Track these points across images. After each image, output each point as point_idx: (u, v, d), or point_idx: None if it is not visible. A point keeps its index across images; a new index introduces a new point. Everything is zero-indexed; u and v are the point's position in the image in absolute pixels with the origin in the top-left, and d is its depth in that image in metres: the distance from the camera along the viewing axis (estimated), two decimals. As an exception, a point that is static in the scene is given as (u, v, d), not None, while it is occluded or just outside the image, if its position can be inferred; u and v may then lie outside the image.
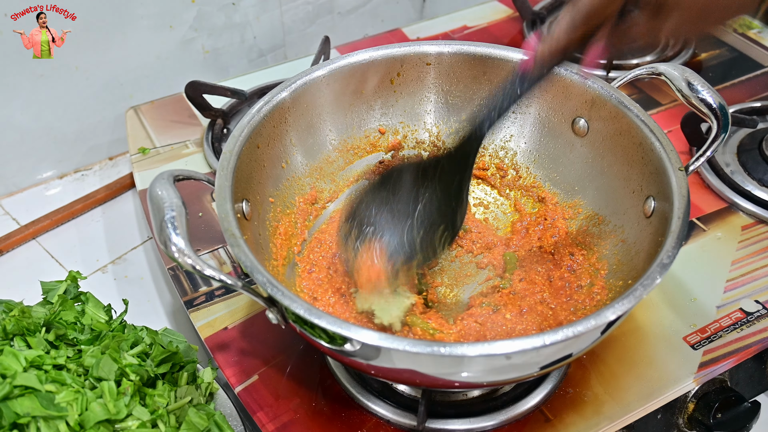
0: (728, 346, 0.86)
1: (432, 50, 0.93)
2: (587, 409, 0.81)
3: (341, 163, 0.95)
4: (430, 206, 0.82)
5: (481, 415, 0.80)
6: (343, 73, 0.90)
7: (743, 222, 1.01)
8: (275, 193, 0.87)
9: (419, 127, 0.99)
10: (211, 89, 1.15)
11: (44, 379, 0.70)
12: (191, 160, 1.14)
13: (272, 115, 0.85)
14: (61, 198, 1.22)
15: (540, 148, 0.95)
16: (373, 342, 0.62)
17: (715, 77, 1.28)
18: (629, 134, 0.83)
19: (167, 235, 0.65)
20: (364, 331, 0.62)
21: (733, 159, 1.10)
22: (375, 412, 0.81)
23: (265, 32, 1.37)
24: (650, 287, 0.66)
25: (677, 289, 0.93)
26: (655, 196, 0.79)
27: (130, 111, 1.23)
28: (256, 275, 0.66)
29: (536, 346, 0.61)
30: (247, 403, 0.82)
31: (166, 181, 0.69)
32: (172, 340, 0.84)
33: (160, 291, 1.07)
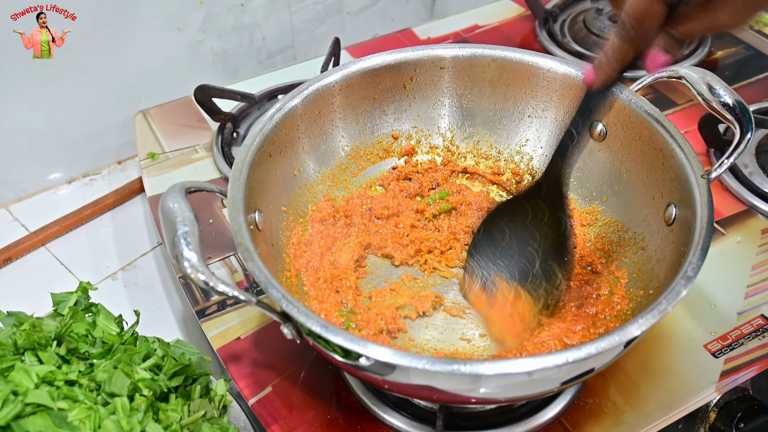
0: (750, 354, 0.85)
1: (447, 54, 0.91)
2: (607, 420, 0.80)
3: (354, 169, 0.94)
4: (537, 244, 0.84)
5: (500, 427, 0.79)
6: (355, 78, 0.89)
7: (763, 225, 0.99)
8: (287, 201, 0.86)
9: (433, 131, 0.97)
10: (220, 93, 1.14)
11: (56, 396, 0.69)
12: (201, 165, 1.12)
13: (284, 123, 0.83)
14: (70, 203, 1.20)
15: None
16: (390, 360, 0.60)
17: (732, 76, 1.25)
18: (649, 140, 0.82)
19: (180, 250, 0.63)
20: (380, 348, 0.61)
21: (751, 160, 1.08)
22: (391, 424, 0.80)
23: (274, 33, 1.36)
24: (675, 301, 0.64)
25: (697, 296, 0.91)
26: (677, 203, 0.77)
27: (138, 115, 1.22)
28: (271, 291, 0.65)
29: (558, 364, 0.60)
30: (261, 416, 0.81)
31: (178, 194, 0.67)
32: (185, 352, 0.83)
33: (171, 298, 1.06)
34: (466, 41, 1.36)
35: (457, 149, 0.98)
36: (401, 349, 0.61)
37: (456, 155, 0.98)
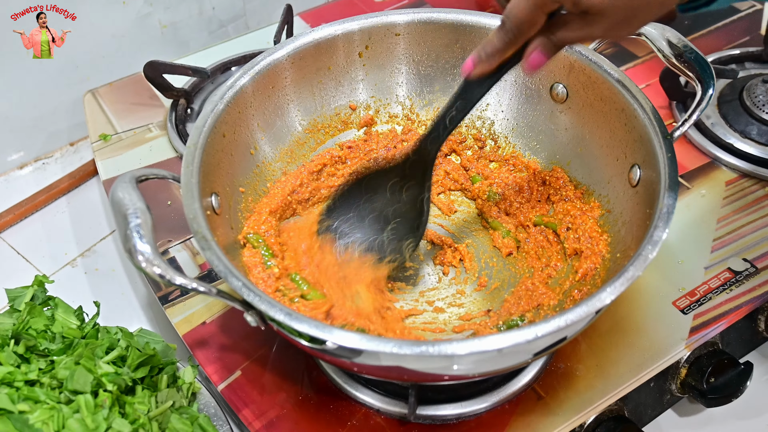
0: (718, 308, 0.85)
1: (401, 20, 0.89)
2: (580, 383, 0.80)
3: (312, 143, 0.91)
4: (396, 213, 0.84)
5: (473, 398, 0.78)
6: (306, 50, 0.86)
7: (727, 177, 0.99)
8: (245, 182, 0.83)
9: (391, 100, 0.95)
10: (171, 69, 1.10)
11: (16, 398, 0.67)
12: (155, 144, 1.09)
13: (236, 101, 0.81)
14: (23, 189, 1.17)
15: (518, 116, 0.92)
16: (357, 345, 0.59)
17: (690, 25, 1.24)
18: (610, 100, 0.80)
19: (133, 243, 0.61)
20: (346, 334, 0.59)
21: (713, 111, 1.07)
22: (364, 401, 0.79)
23: (224, 2, 1.31)
24: (643, 266, 0.64)
25: (663, 253, 0.90)
26: (641, 164, 0.76)
27: (87, 95, 1.18)
28: (232, 280, 0.63)
29: (528, 339, 0.59)
30: (231, 401, 0.80)
31: (129, 185, 0.65)
32: (149, 341, 0.81)
33: (134, 283, 1.04)
34: (423, 3, 1.33)
35: (417, 117, 0.96)
36: (367, 334, 0.59)
37: (416, 123, 0.96)
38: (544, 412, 0.78)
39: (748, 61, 1.16)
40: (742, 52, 1.16)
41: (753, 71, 1.14)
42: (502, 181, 0.90)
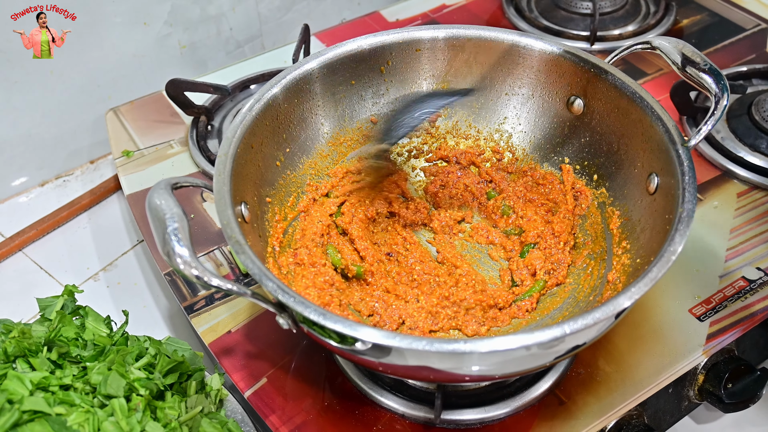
0: (734, 316, 0.87)
1: (424, 36, 0.91)
2: (600, 389, 0.81)
3: (335, 156, 0.93)
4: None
5: (495, 402, 0.80)
6: (334, 64, 0.88)
7: (738, 189, 1.01)
8: (272, 192, 0.85)
9: (411, 114, 0.97)
10: (192, 86, 1.12)
11: (53, 402, 0.68)
12: (177, 160, 1.11)
13: (265, 113, 0.82)
14: (44, 206, 1.19)
15: (535, 129, 0.94)
16: (387, 342, 0.60)
17: (698, 43, 1.27)
18: (627, 111, 0.82)
19: (171, 246, 0.63)
20: (376, 332, 0.61)
21: (723, 126, 1.10)
22: (389, 407, 0.80)
23: (241, 23, 1.35)
24: (665, 268, 0.66)
25: (679, 261, 0.90)
26: (658, 172, 0.78)
27: (109, 113, 1.20)
28: (266, 282, 0.64)
29: (556, 336, 0.60)
30: (258, 407, 0.81)
31: (165, 191, 0.67)
32: (177, 348, 0.83)
33: (156, 296, 1.05)
34: (435, 22, 1.35)
35: (437, 131, 0.98)
36: (396, 333, 0.61)
37: (435, 137, 0.98)
38: (565, 417, 0.79)
39: (755, 77, 1.19)
40: (750, 69, 1.18)
41: (761, 87, 1.16)
42: (516, 196, 0.94)
